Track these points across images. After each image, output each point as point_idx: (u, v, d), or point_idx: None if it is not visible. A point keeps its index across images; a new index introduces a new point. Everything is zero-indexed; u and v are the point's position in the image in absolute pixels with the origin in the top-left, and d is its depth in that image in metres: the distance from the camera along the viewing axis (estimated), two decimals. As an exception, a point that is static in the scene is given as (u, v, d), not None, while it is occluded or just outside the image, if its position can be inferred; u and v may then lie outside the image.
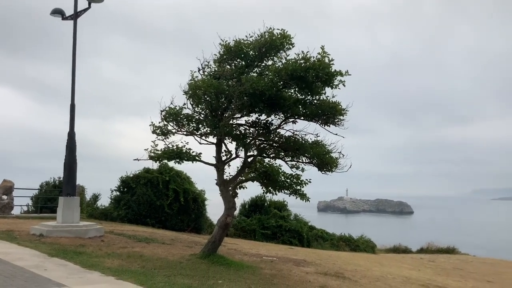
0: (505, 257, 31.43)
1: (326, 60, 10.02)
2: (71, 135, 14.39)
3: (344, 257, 17.99)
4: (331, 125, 11.36)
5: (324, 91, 10.80)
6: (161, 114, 11.14)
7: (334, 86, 10.45)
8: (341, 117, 11.14)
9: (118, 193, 21.76)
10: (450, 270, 18.78)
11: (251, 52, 10.98)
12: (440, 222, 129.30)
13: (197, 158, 11.30)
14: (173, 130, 11.28)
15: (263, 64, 11.32)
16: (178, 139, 11.39)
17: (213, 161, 11.81)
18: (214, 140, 11.72)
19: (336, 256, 18.24)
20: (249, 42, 10.98)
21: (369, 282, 11.78)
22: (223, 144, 11.81)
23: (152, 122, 11.31)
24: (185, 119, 11.18)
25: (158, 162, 11.89)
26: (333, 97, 10.96)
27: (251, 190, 14.94)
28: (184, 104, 11.24)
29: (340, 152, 11.51)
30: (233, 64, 11.40)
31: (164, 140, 11.33)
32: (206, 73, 11.44)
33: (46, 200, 22.90)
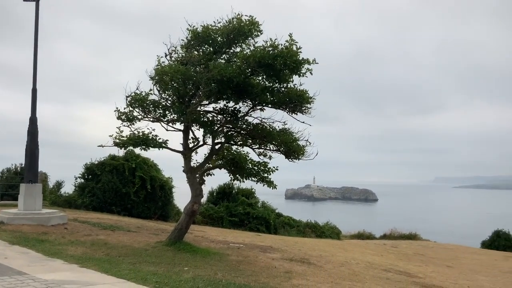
0: (465, 242, 32.72)
1: (294, 48, 10.04)
2: (33, 120, 13.94)
3: (309, 244, 18.28)
4: (298, 113, 11.45)
5: (291, 79, 10.84)
6: (126, 99, 10.93)
7: (301, 74, 10.50)
8: (308, 105, 11.23)
9: (82, 180, 21.32)
10: (411, 256, 19.38)
11: (219, 38, 10.88)
12: (403, 209, 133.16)
13: (163, 145, 11.18)
14: (139, 116, 11.10)
15: (231, 50, 11.25)
16: (144, 126, 11.24)
17: (180, 148, 11.73)
18: (181, 127, 11.61)
19: (302, 242, 18.52)
20: (217, 28, 10.87)
21: (333, 267, 12.02)
22: (190, 131, 11.73)
23: (117, 108, 11.09)
24: (151, 105, 11.01)
25: (123, 148, 11.70)
26: (300, 85, 11.05)
27: (219, 178, 14.92)
28: (151, 90, 11.07)
29: (307, 140, 11.66)
30: (200, 50, 11.28)
31: (130, 126, 11.15)
32: (173, 58, 11.27)
33: (7, 187, 22.23)
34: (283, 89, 11.09)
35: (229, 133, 11.93)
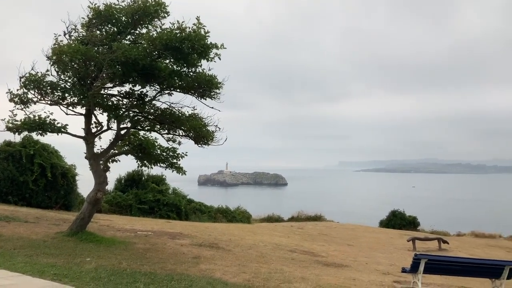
0: (364, 222, 35.06)
1: (202, 31, 9.88)
2: None
3: (220, 228, 18.43)
4: (207, 99, 11.34)
5: (200, 64, 10.68)
6: (20, 80, 10.03)
7: (210, 59, 10.38)
8: (217, 91, 11.16)
9: (-28, 168, 19.40)
10: (316, 236, 20.36)
11: (123, 18, 10.35)
12: (310, 192, 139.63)
13: (62, 129, 10.45)
14: (35, 99, 10.25)
15: (137, 32, 10.79)
16: (41, 109, 10.41)
17: (82, 133, 11.12)
18: (83, 111, 10.99)
19: (213, 227, 18.61)
20: (121, 7, 10.32)
21: (241, 250, 12.25)
22: (93, 115, 11.15)
23: (9, 90, 10.14)
24: (48, 87, 10.22)
25: (18, 134, 10.76)
26: (209, 70, 10.93)
27: (127, 165, 14.44)
28: (48, 70, 10.27)
29: (217, 125, 11.62)
30: (103, 30, 10.67)
31: (24, 109, 10.26)
32: (73, 37, 10.55)
33: None
34: (191, 73, 10.91)
35: (136, 117, 11.52)
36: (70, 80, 10.40)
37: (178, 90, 11.30)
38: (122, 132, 11.51)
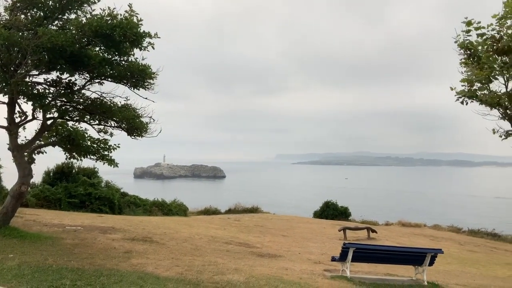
0: (299, 213, 35.93)
1: (135, 19, 9.57)
2: None
3: (155, 222, 18.12)
4: (141, 89, 11.04)
5: (132, 52, 10.36)
6: None
7: (142, 48, 10.09)
8: (151, 81, 10.90)
9: None
10: (252, 227, 20.58)
11: (50, 2, 9.78)
12: (248, 184, 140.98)
13: (-18, 119, 9.80)
14: (-50, 86, 9.49)
15: (65, 17, 10.26)
16: (-41, 97, 9.67)
17: (5, 123, 10.46)
18: (6, 99, 10.35)
19: (147, 221, 18.25)
20: (47, -10, 9.78)
21: (176, 243, 12.12)
22: (16, 104, 10.52)
23: None
24: (-34, 73, 9.49)
25: None
26: (143, 59, 10.64)
27: (57, 157, 13.78)
28: (-34, 55, 9.52)
29: (151, 117, 11.38)
30: (28, 14, 10.05)
31: None
32: (-6, 21, 9.85)
33: None
34: (123, 62, 10.55)
35: (64, 107, 10.99)
36: (-9, 67, 9.71)
37: (109, 79, 10.91)
38: (49, 122, 10.96)
